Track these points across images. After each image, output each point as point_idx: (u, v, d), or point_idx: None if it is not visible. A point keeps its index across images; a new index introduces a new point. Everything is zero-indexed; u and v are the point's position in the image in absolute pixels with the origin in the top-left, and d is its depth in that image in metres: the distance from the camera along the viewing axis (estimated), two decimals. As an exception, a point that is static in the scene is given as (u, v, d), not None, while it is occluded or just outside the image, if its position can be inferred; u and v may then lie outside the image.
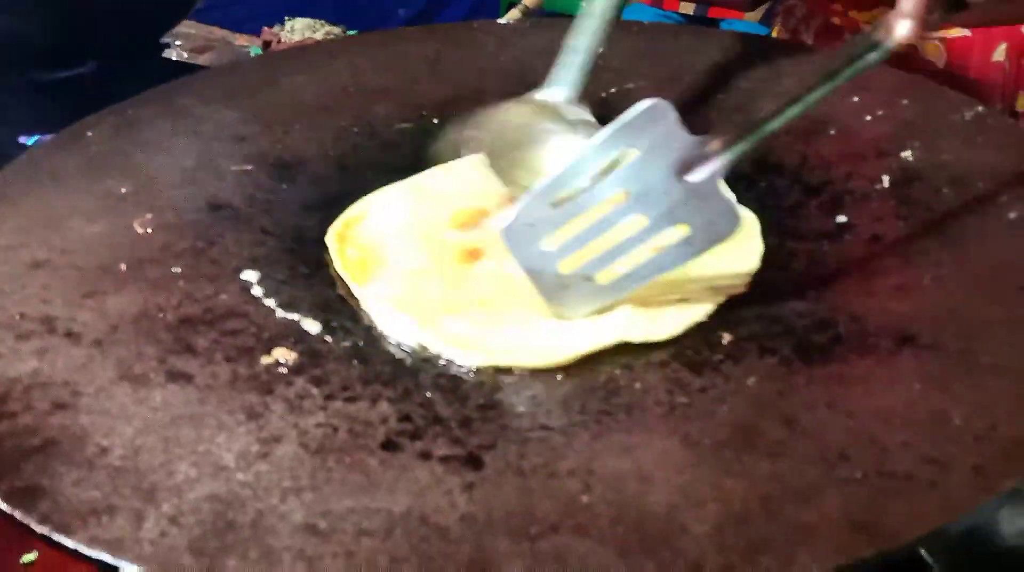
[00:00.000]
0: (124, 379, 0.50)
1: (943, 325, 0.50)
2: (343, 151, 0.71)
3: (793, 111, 0.51)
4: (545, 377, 0.50)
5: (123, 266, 0.59)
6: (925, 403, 0.45)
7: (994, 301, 0.51)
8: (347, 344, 0.53)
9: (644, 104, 0.50)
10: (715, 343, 0.51)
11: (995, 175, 0.59)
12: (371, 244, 0.61)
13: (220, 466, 0.45)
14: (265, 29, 1.23)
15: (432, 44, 0.82)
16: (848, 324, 0.51)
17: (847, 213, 0.60)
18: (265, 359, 0.52)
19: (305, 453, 0.45)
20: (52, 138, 0.73)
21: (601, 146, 0.51)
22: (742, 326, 0.52)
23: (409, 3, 1.82)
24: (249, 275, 0.59)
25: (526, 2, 1.04)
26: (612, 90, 0.74)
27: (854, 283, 0.55)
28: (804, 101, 0.51)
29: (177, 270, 0.59)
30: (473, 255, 0.59)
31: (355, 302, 0.57)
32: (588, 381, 0.50)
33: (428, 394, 0.49)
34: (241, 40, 1.28)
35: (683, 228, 0.52)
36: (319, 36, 1.22)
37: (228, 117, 0.74)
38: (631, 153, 0.51)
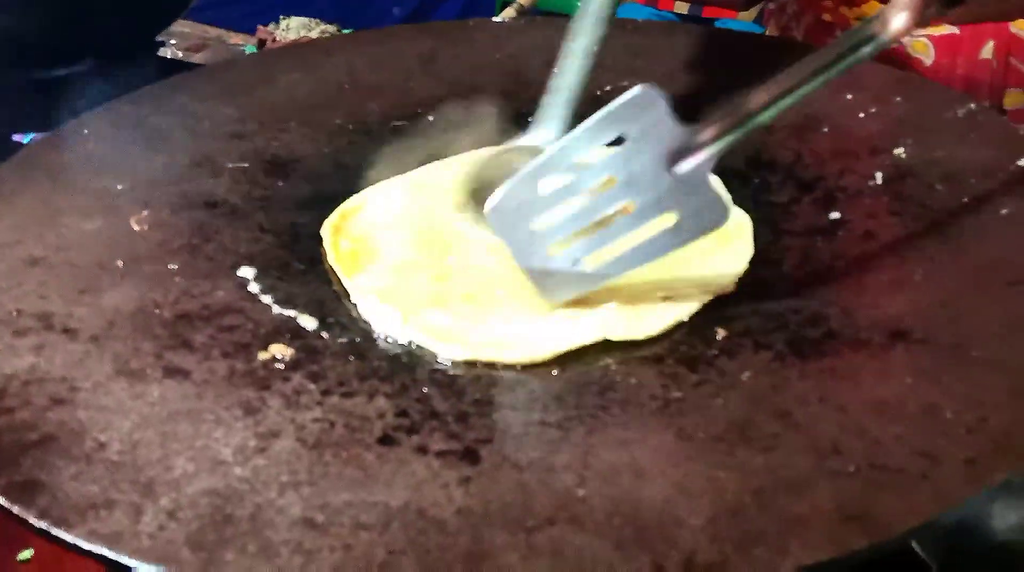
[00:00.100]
0: (121, 375, 0.51)
1: (935, 320, 0.50)
2: (338, 148, 0.71)
3: (784, 103, 0.51)
4: (541, 372, 0.51)
5: (119, 263, 0.59)
6: (917, 397, 0.45)
7: (986, 296, 0.51)
8: (343, 340, 0.54)
9: (635, 91, 0.50)
10: (709, 338, 0.51)
11: (987, 171, 0.59)
12: (364, 236, 0.62)
13: (218, 461, 0.45)
14: (260, 28, 1.23)
15: (427, 42, 0.82)
16: (841, 319, 0.52)
17: (840, 209, 0.60)
18: (262, 355, 0.52)
19: (302, 448, 0.46)
20: (48, 135, 0.73)
21: (590, 131, 0.51)
22: (736, 321, 0.52)
23: (403, 2, 1.82)
24: (245, 272, 0.59)
25: (521, 0, 1.04)
26: (607, 88, 0.74)
27: (847, 279, 0.55)
28: (796, 93, 0.50)
29: (173, 267, 0.59)
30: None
31: (348, 296, 0.57)
32: (583, 376, 0.50)
33: (424, 389, 0.50)
34: (236, 39, 1.28)
35: (671, 216, 0.51)
36: (314, 35, 1.22)
37: (224, 115, 0.74)
38: (620, 139, 0.51)
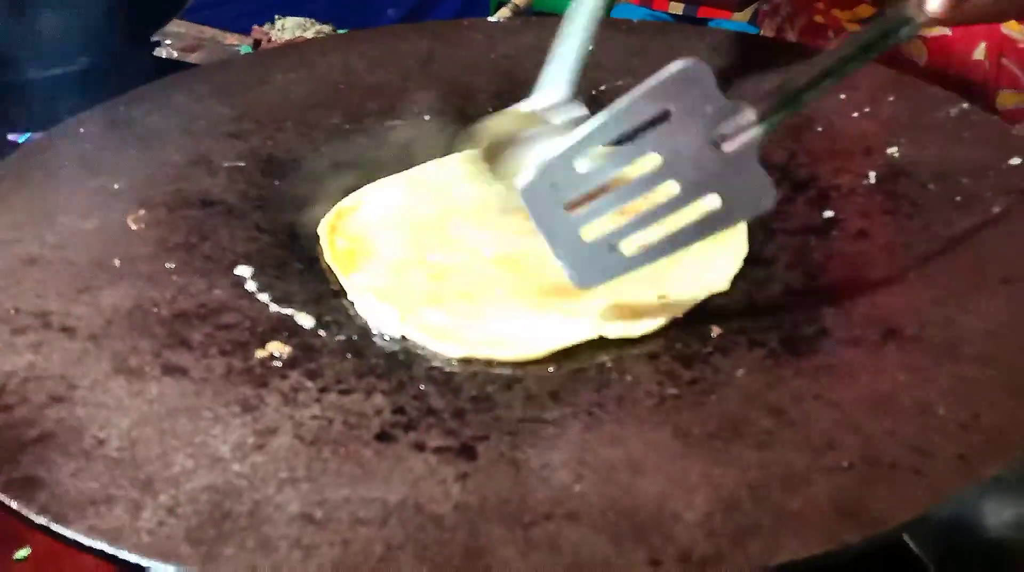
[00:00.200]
0: (119, 372, 0.51)
1: (928, 318, 0.50)
2: (335, 147, 0.72)
3: (828, 82, 0.50)
4: (537, 370, 0.51)
5: (117, 262, 0.59)
6: (910, 393, 0.46)
7: (978, 294, 0.51)
8: (341, 338, 0.54)
9: (681, 64, 0.47)
10: (704, 336, 0.52)
11: (979, 170, 0.60)
12: (361, 235, 0.62)
13: (216, 457, 0.45)
14: (255, 28, 1.23)
15: (423, 42, 0.82)
16: (834, 317, 0.52)
17: (834, 208, 0.61)
18: (259, 353, 0.52)
19: (300, 444, 0.46)
20: (44, 135, 0.73)
21: (632, 106, 0.47)
22: (730, 319, 0.53)
23: (399, 3, 1.82)
24: (243, 270, 0.59)
25: (516, 1, 1.04)
26: (602, 87, 0.75)
27: (840, 277, 0.56)
28: (840, 72, 0.50)
29: (171, 265, 0.59)
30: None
31: (345, 295, 0.57)
32: (580, 373, 0.50)
33: (422, 386, 0.50)
34: (231, 39, 1.28)
35: (715, 199, 0.49)
36: (309, 35, 1.22)
37: (220, 114, 0.74)
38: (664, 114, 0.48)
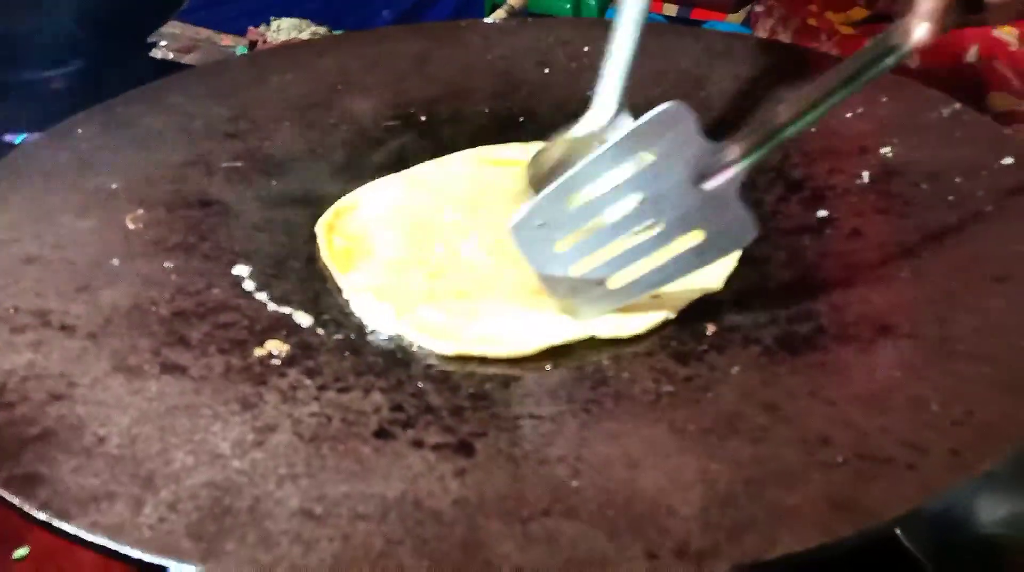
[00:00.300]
0: (119, 370, 0.51)
1: (921, 315, 0.51)
2: (332, 148, 0.72)
3: (811, 116, 0.50)
4: (534, 367, 0.51)
5: (115, 261, 0.60)
6: (904, 390, 0.46)
7: (971, 292, 0.52)
8: (339, 336, 0.54)
9: (663, 107, 0.49)
10: (699, 334, 0.52)
11: (972, 170, 0.60)
12: (359, 234, 0.62)
13: (216, 454, 0.45)
14: (251, 29, 1.23)
15: (419, 43, 0.83)
16: (829, 315, 0.52)
17: (828, 208, 0.61)
18: (258, 351, 0.53)
19: (300, 441, 0.46)
20: (41, 135, 0.73)
21: (616, 149, 0.50)
22: (726, 317, 0.53)
23: (394, 4, 1.82)
24: (241, 269, 0.59)
25: (511, 2, 1.05)
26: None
27: (835, 275, 0.56)
28: (822, 106, 0.50)
29: (169, 265, 0.60)
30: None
31: (342, 293, 0.58)
32: (576, 371, 0.51)
33: (420, 384, 0.50)
34: (227, 40, 1.28)
35: (698, 234, 0.51)
36: (305, 36, 1.22)
37: (217, 114, 0.75)
38: (647, 156, 0.50)
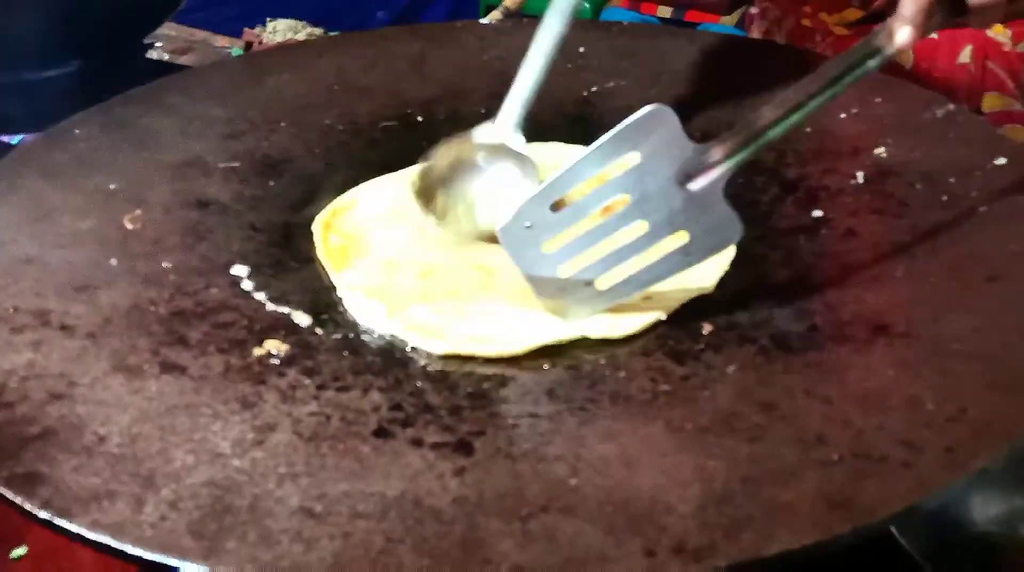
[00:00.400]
0: (118, 370, 0.51)
1: (916, 314, 0.51)
2: (329, 148, 0.72)
3: (794, 118, 0.51)
4: (532, 367, 0.52)
5: (114, 261, 0.60)
6: (898, 389, 0.47)
7: (964, 291, 0.52)
8: (338, 336, 0.54)
9: (647, 109, 0.50)
10: (696, 333, 0.53)
11: (965, 171, 0.61)
12: (355, 232, 0.62)
13: (216, 453, 0.46)
14: (247, 30, 1.23)
15: (416, 44, 0.83)
16: (824, 314, 0.53)
17: (823, 208, 0.61)
18: (257, 351, 0.53)
19: (299, 440, 0.47)
20: (40, 136, 0.73)
21: (602, 150, 0.51)
22: (722, 317, 0.53)
23: (388, 6, 1.82)
24: (239, 270, 0.60)
25: (507, 3, 1.05)
26: (593, 88, 0.76)
27: (830, 275, 0.57)
28: (805, 108, 0.51)
29: (167, 265, 0.60)
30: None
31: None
32: (574, 371, 0.51)
33: (418, 384, 0.51)
34: (222, 41, 1.28)
35: (683, 235, 0.52)
36: (301, 37, 1.22)
37: (215, 115, 0.75)
38: (633, 157, 0.51)
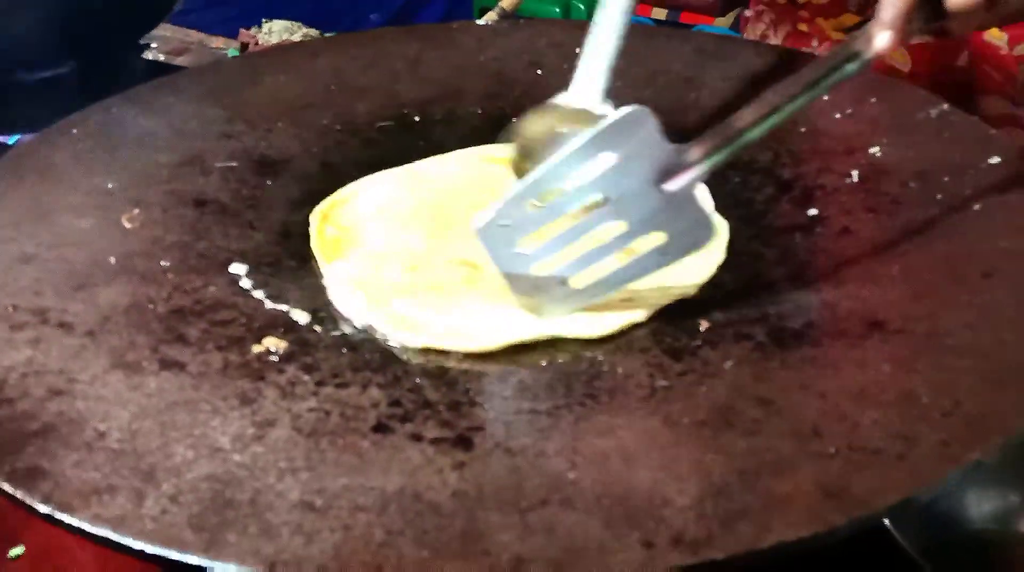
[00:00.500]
0: (118, 367, 0.51)
1: (910, 311, 0.52)
2: (326, 148, 0.72)
3: (772, 120, 0.51)
4: (530, 363, 0.52)
5: (112, 260, 0.60)
6: (894, 383, 0.47)
7: (958, 287, 0.53)
8: (336, 333, 0.55)
9: (625, 110, 0.50)
10: (693, 330, 0.53)
11: (959, 169, 0.61)
12: (352, 225, 0.63)
13: (216, 448, 0.46)
14: (242, 31, 1.23)
15: (412, 44, 0.83)
16: (820, 311, 0.53)
17: (818, 207, 0.62)
18: (256, 348, 0.53)
19: (299, 436, 0.47)
20: (38, 135, 0.73)
21: (580, 151, 0.51)
22: (719, 313, 0.54)
23: (382, 8, 1.83)
24: (237, 268, 0.60)
25: (503, 4, 1.05)
26: (590, 89, 0.76)
27: (825, 272, 0.57)
28: (783, 110, 0.51)
29: (166, 264, 0.60)
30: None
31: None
32: (572, 366, 0.51)
33: (417, 380, 0.51)
34: (218, 42, 1.28)
35: (659, 235, 0.52)
36: (297, 38, 1.23)
37: (212, 115, 0.75)
38: (610, 158, 0.51)
